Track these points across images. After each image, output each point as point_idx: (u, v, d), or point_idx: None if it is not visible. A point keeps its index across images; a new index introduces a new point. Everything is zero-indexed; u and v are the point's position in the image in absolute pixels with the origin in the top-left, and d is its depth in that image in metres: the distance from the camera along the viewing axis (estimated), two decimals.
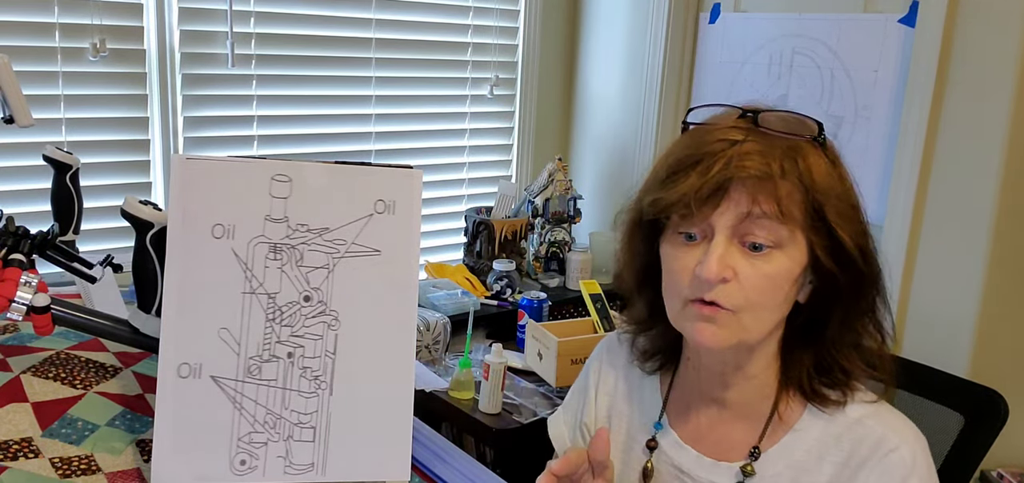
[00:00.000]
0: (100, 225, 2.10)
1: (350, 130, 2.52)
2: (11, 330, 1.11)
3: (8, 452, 0.87)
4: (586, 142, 2.93)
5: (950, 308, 1.93)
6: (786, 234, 0.85)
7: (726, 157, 0.84)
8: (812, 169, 0.85)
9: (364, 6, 2.46)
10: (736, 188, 0.84)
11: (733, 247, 0.86)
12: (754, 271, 0.85)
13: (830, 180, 0.87)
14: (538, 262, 2.68)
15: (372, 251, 0.91)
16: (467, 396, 1.89)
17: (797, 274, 0.87)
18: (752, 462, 0.94)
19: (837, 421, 0.92)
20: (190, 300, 0.87)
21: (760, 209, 0.84)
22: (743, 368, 0.94)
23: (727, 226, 0.85)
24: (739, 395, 0.96)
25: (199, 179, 0.87)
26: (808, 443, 0.93)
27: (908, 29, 2.00)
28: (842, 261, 0.87)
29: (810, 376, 0.93)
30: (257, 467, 0.88)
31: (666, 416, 1.03)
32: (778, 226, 0.84)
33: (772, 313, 0.88)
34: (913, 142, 1.96)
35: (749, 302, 0.86)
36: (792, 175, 0.84)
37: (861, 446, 0.90)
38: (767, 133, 0.87)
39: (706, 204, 0.85)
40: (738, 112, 0.90)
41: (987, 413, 1.25)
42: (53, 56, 2.01)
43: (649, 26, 2.61)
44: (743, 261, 0.85)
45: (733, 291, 0.85)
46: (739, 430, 0.96)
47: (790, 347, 0.94)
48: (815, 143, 0.88)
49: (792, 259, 0.86)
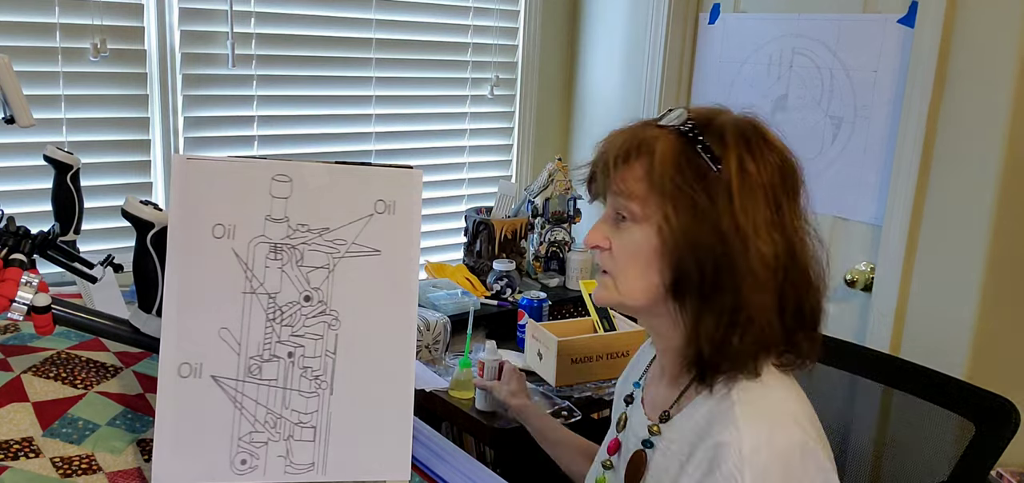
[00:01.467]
0: (101, 225, 2.10)
1: (350, 130, 2.53)
2: (12, 330, 1.11)
3: (9, 452, 0.87)
4: (586, 142, 2.93)
5: (949, 308, 1.93)
6: (638, 209, 0.97)
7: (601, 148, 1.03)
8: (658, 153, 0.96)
9: (364, 6, 2.46)
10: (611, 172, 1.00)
11: (610, 221, 1.01)
12: (618, 240, 1.00)
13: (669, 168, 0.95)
14: (538, 262, 2.68)
15: (372, 251, 0.91)
16: (467, 396, 1.89)
17: (655, 246, 0.96)
18: (660, 423, 1.03)
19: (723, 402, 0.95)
20: (190, 300, 0.87)
21: (617, 187, 0.99)
22: (655, 334, 1.07)
23: (610, 203, 1.02)
24: (667, 362, 1.06)
25: (200, 179, 0.87)
26: (697, 418, 0.98)
27: (908, 29, 2.00)
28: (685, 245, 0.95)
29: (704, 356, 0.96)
30: (257, 466, 0.88)
31: (646, 376, 1.17)
32: (630, 202, 0.97)
33: (637, 279, 0.99)
34: (913, 142, 1.96)
35: (618, 267, 1.00)
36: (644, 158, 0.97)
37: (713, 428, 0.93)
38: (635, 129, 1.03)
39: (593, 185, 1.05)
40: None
41: (999, 422, 1.24)
42: (54, 56, 2.01)
43: (649, 26, 2.62)
44: (614, 232, 1.00)
45: (606, 257, 1.01)
46: (664, 394, 1.06)
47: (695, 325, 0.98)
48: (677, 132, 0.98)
49: (645, 233, 0.97)
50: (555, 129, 2.98)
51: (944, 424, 1.29)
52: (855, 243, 2.15)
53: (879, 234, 2.07)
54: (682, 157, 0.95)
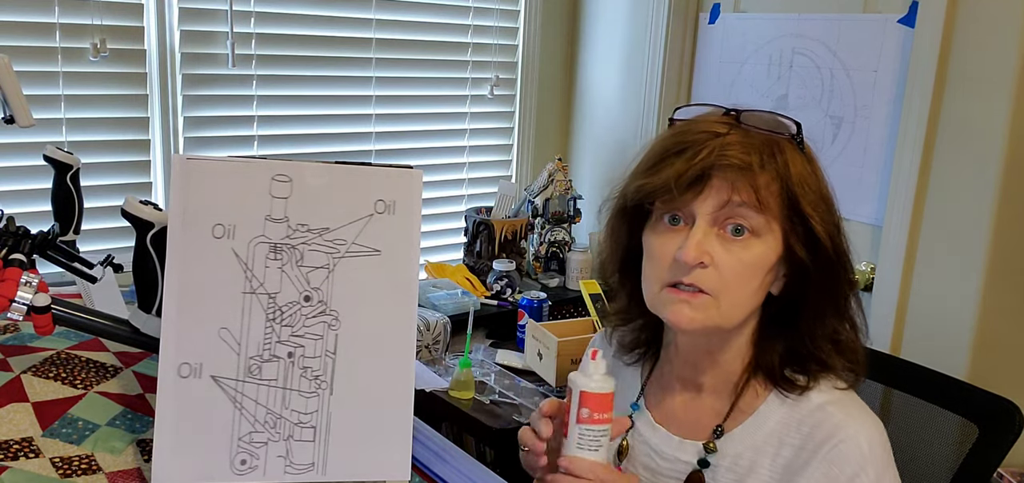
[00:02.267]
0: (100, 225, 2.10)
1: (350, 130, 2.52)
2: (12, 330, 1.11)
3: (9, 452, 0.87)
4: (586, 142, 2.94)
5: (950, 308, 1.93)
6: (763, 223, 0.90)
7: (710, 147, 0.89)
8: (789, 163, 0.91)
9: (364, 6, 2.46)
10: (718, 176, 0.89)
11: (712, 234, 0.90)
12: (731, 257, 0.90)
13: (806, 174, 0.92)
14: (538, 262, 2.68)
15: (372, 251, 0.91)
16: (467, 396, 1.89)
17: (772, 263, 0.92)
18: (715, 440, 0.98)
19: (800, 407, 0.95)
20: (190, 300, 0.87)
21: (739, 198, 0.89)
22: (715, 355, 0.98)
23: (708, 213, 0.90)
24: (711, 380, 1.00)
25: (199, 179, 0.87)
26: (770, 425, 0.96)
27: (908, 29, 2.00)
28: (815, 251, 0.91)
29: (780, 362, 0.97)
30: (257, 467, 0.88)
31: (643, 398, 1.08)
32: (755, 214, 0.89)
33: (747, 299, 0.93)
34: (913, 142, 1.96)
35: (726, 286, 0.90)
36: (771, 167, 0.90)
37: (818, 431, 0.93)
38: (749, 129, 0.92)
39: (689, 190, 0.90)
40: (722, 110, 0.95)
41: (1002, 423, 1.23)
42: (53, 56, 2.01)
43: (649, 26, 2.61)
44: (721, 247, 0.90)
45: (710, 275, 0.90)
46: (708, 411, 1.01)
47: (763, 337, 0.98)
48: (793, 141, 0.93)
49: (768, 247, 0.91)
50: (555, 129, 2.98)
51: (946, 426, 1.29)
52: (855, 243, 2.15)
53: (879, 234, 2.07)
54: (806, 166, 0.92)
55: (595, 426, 0.89)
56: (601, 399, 0.89)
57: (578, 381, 0.89)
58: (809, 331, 0.95)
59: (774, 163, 0.90)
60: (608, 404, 0.89)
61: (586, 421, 0.89)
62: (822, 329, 0.95)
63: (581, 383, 0.89)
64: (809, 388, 0.95)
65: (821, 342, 0.95)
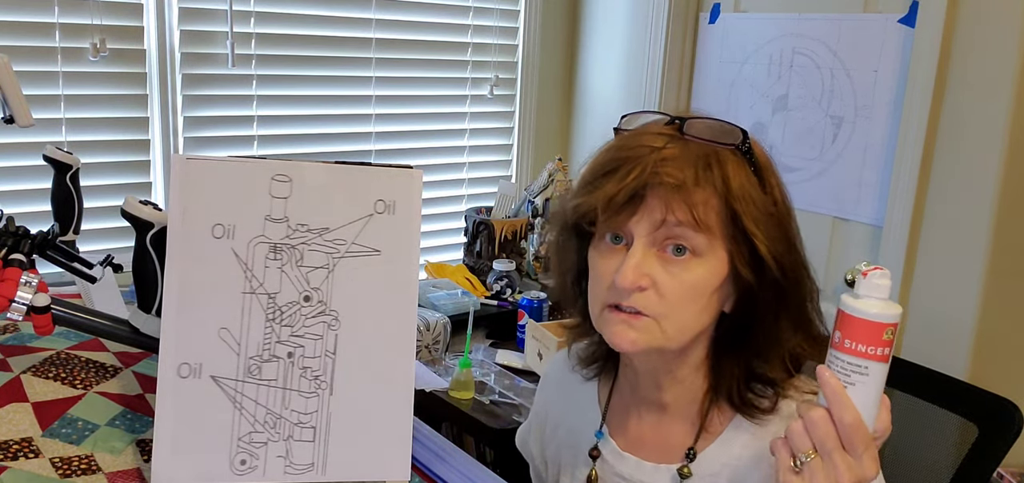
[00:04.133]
0: (100, 225, 2.10)
1: (350, 130, 2.52)
2: (11, 330, 1.11)
3: (8, 452, 0.87)
4: (586, 142, 2.93)
5: (950, 308, 1.93)
6: (704, 242, 0.85)
7: (643, 164, 0.84)
8: (729, 177, 0.85)
9: (364, 6, 2.46)
10: (652, 195, 0.84)
11: (651, 254, 0.85)
12: (672, 279, 0.85)
13: (748, 188, 0.85)
14: (538, 262, 2.68)
15: (372, 251, 0.91)
16: (467, 396, 1.89)
17: (717, 283, 0.87)
18: (688, 463, 0.95)
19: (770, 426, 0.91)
20: (190, 300, 0.87)
21: (675, 217, 0.83)
22: (673, 372, 0.95)
23: (644, 233, 0.85)
24: (673, 398, 0.96)
25: (199, 179, 0.87)
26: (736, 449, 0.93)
27: (908, 29, 2.00)
28: (760, 272, 0.86)
29: (739, 385, 0.92)
30: (257, 467, 0.88)
31: (606, 425, 1.04)
32: (694, 234, 0.84)
33: (692, 320, 0.87)
34: (913, 142, 1.96)
35: (667, 309, 0.85)
36: (706, 183, 0.84)
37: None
38: (689, 140, 0.86)
39: (622, 211, 0.85)
40: (666, 118, 0.90)
41: (1002, 423, 1.24)
42: (53, 56, 2.01)
43: (649, 26, 2.61)
44: (661, 268, 0.85)
45: (650, 298, 0.85)
46: (677, 432, 0.97)
47: (719, 356, 0.94)
48: (737, 151, 0.87)
49: (710, 267, 0.86)
50: (555, 129, 2.98)
51: (946, 426, 1.29)
52: (855, 243, 2.15)
53: (879, 234, 2.07)
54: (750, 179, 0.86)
55: (849, 356, 0.72)
56: (864, 326, 0.71)
57: (843, 299, 0.73)
58: (761, 350, 0.90)
59: (710, 177, 0.84)
60: (875, 335, 0.71)
61: (839, 347, 0.73)
62: (777, 349, 0.90)
63: (845, 302, 0.73)
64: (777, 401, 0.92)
65: (775, 360, 0.91)
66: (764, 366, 0.91)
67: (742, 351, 0.91)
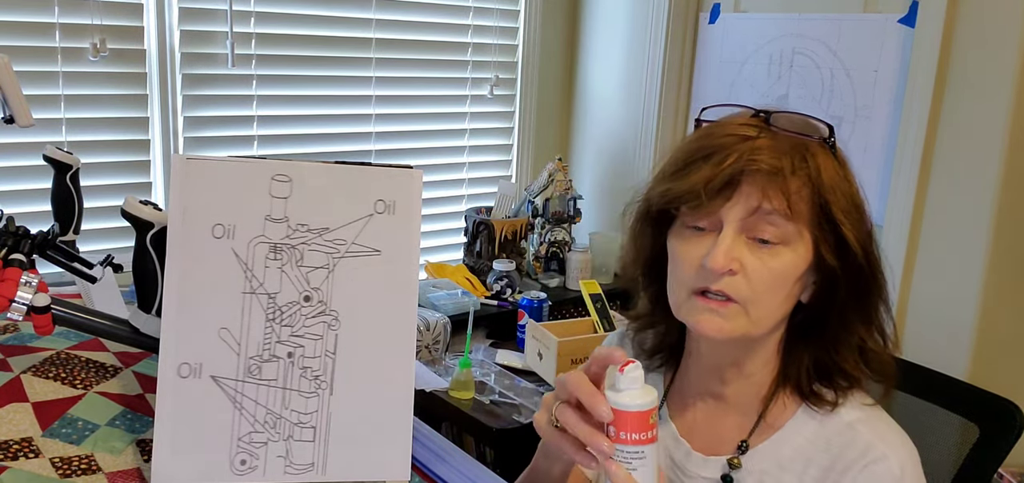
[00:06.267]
0: (100, 225, 2.10)
1: (350, 130, 2.52)
2: (11, 330, 1.11)
3: (8, 452, 0.87)
4: (586, 142, 2.94)
5: (950, 308, 1.93)
6: (793, 230, 0.86)
7: (739, 151, 0.86)
8: (821, 168, 0.87)
9: (364, 6, 2.46)
10: (747, 182, 0.86)
11: (740, 240, 0.87)
12: (760, 265, 0.86)
13: (837, 180, 0.88)
14: (538, 262, 2.68)
15: (372, 251, 0.91)
16: (467, 396, 1.89)
17: (802, 271, 0.88)
18: (739, 455, 0.95)
19: (829, 423, 0.93)
20: (190, 300, 0.87)
21: (770, 204, 0.85)
22: (741, 365, 0.95)
23: (736, 219, 0.86)
24: (735, 391, 0.97)
25: (199, 179, 0.87)
26: (797, 442, 0.93)
27: (908, 29, 2.00)
28: (845, 259, 0.88)
29: (808, 375, 0.94)
30: (257, 467, 0.88)
31: (666, 407, 1.04)
32: (785, 222, 0.86)
33: (777, 308, 0.89)
34: (913, 142, 1.96)
35: (755, 295, 0.87)
36: (802, 172, 0.86)
37: (848, 451, 0.90)
38: (779, 132, 0.89)
39: (717, 196, 0.86)
40: (751, 112, 0.92)
41: (1003, 424, 1.23)
42: (53, 56, 2.01)
43: (649, 26, 2.61)
44: (749, 255, 0.87)
45: (739, 283, 0.86)
46: (732, 425, 0.97)
47: (790, 346, 0.95)
48: (824, 144, 0.90)
49: (798, 255, 0.87)
50: (555, 129, 2.98)
51: (946, 426, 1.29)
52: None
53: (879, 234, 2.06)
54: (838, 171, 0.89)
55: (628, 446, 0.76)
56: (634, 418, 0.76)
57: (610, 396, 0.77)
58: (835, 341, 0.92)
59: (805, 168, 0.86)
60: (644, 423, 0.76)
61: (617, 440, 0.76)
62: (849, 339, 0.92)
63: (612, 399, 0.76)
64: (838, 404, 0.93)
65: (847, 352, 0.92)
66: (835, 357, 0.93)
67: (816, 340, 0.93)
